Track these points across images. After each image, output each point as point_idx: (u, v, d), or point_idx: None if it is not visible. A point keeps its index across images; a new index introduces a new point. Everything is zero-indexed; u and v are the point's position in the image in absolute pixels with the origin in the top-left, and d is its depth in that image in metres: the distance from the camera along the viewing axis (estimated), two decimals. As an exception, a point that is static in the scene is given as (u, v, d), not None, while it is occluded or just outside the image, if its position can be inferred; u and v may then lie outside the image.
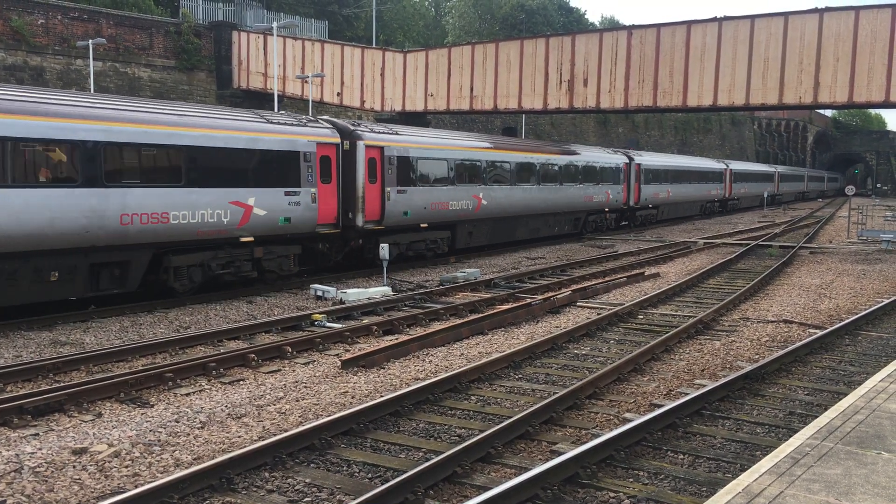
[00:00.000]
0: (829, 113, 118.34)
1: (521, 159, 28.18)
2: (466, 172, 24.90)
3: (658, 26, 29.65)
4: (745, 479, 5.24)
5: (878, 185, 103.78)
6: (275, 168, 17.85)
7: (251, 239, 17.40)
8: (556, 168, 30.26)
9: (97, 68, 35.41)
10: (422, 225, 23.09)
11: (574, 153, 32.50)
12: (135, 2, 41.98)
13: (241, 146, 17.10)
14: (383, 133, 21.82)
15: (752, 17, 27.98)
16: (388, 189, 21.35)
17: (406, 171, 22.11)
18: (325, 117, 22.21)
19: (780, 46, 27.15)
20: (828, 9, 26.60)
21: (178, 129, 15.79)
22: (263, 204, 17.48)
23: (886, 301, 16.67)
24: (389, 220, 21.58)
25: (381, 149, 21.24)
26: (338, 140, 19.87)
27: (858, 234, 33.60)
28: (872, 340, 13.37)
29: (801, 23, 26.90)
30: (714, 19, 28.56)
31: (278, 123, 18.49)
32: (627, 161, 37.02)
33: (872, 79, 25.80)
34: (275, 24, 30.01)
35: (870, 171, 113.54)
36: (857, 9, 26.14)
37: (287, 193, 18.13)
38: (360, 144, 20.46)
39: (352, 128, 20.88)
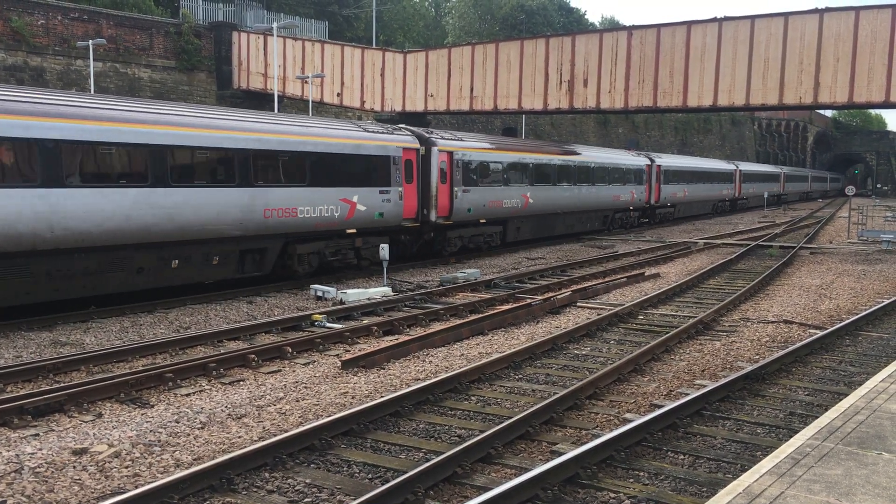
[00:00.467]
0: (829, 113, 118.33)
1: (561, 161, 30.98)
2: (517, 174, 27.75)
3: (658, 27, 29.64)
4: (746, 479, 5.23)
5: (879, 186, 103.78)
6: (373, 170, 21.17)
7: (354, 231, 20.52)
8: (589, 169, 33.02)
9: (97, 69, 35.41)
10: (481, 220, 26.02)
11: (604, 155, 35.41)
12: (135, 2, 41.96)
13: (350, 152, 20.38)
14: (451, 140, 24.75)
15: (752, 18, 27.98)
16: (456, 189, 24.36)
17: (469, 173, 25.07)
18: (403, 125, 25.20)
19: (780, 47, 27.14)
20: (828, 9, 26.60)
21: (304, 138, 19.03)
22: (364, 201, 20.71)
23: (887, 301, 16.67)
24: (457, 216, 24.55)
25: (451, 153, 24.22)
26: (418, 145, 22.94)
27: (859, 234, 33.60)
28: (873, 341, 13.36)
29: (802, 23, 26.90)
30: (714, 20, 28.55)
31: (374, 132, 21.73)
32: (649, 163, 39.55)
33: (873, 79, 25.79)
34: (275, 25, 30.01)
35: (870, 171, 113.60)
36: (857, 9, 26.13)
37: (381, 192, 21.37)
38: (434, 150, 23.46)
39: (427, 135, 23.80)
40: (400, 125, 24.94)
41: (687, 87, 29.04)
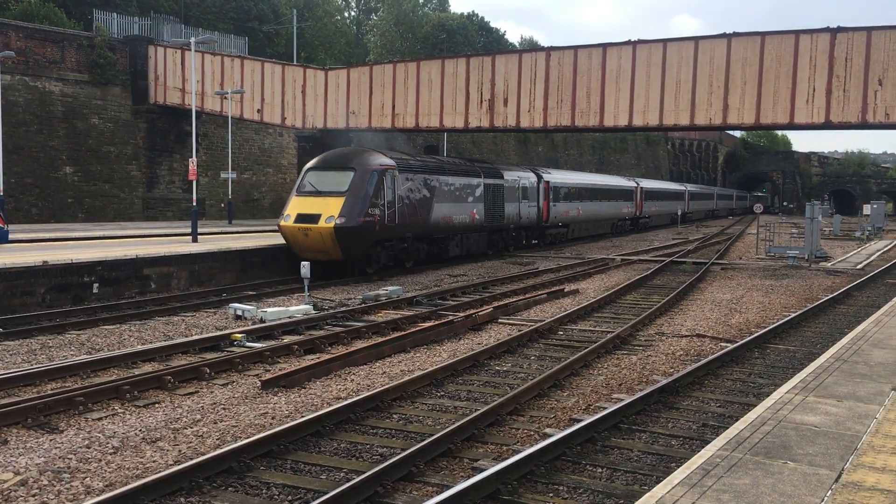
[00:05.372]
0: (738, 134, 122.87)
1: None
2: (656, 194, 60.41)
3: (575, 48, 30.33)
4: (659, 491, 5.37)
5: (785, 204, 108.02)
6: (626, 195, 52.98)
7: (626, 218, 53.38)
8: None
9: (5, 82, 34.10)
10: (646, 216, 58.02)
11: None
12: (45, 14, 40.66)
13: (622, 188, 52.06)
14: (641, 181, 58.11)
15: (665, 41, 28.91)
16: (644, 202, 57.14)
17: (647, 196, 57.68)
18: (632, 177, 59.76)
19: (691, 69, 28.10)
20: (735, 34, 27.68)
21: (615, 185, 51.47)
22: (628, 206, 53.26)
23: (793, 315, 17.37)
24: (644, 213, 57.38)
25: (642, 188, 56.95)
26: (636, 185, 55.49)
27: (766, 250, 34.86)
28: (780, 353, 13.90)
29: (711, 47, 27.93)
30: (628, 42, 29.38)
31: (627, 181, 54.37)
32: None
33: (778, 101, 26.92)
34: (192, 40, 29.44)
35: (777, 189, 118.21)
36: (762, 34, 27.27)
37: (627, 203, 53.16)
38: (638, 188, 54.87)
39: (636, 180, 57.98)
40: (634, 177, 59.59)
41: (603, 108, 29.76)
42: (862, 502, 5.24)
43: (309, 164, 25.39)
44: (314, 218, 23.04)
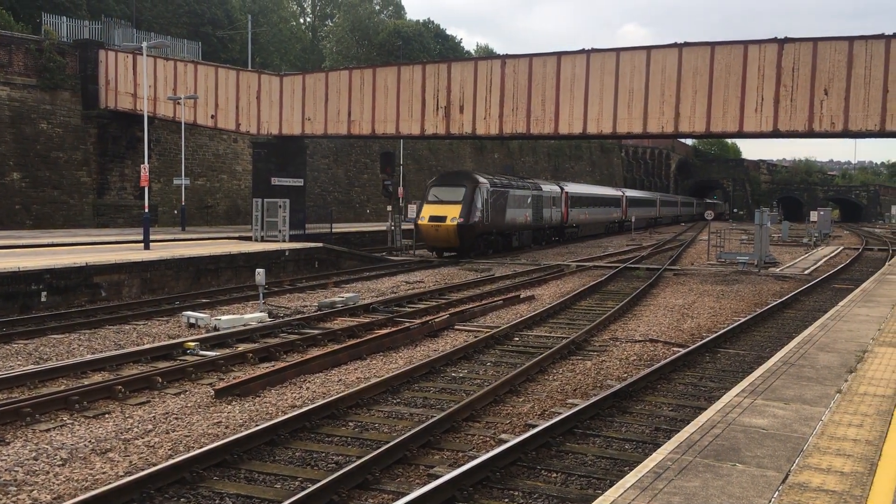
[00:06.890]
0: (689, 142, 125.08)
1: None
2: (640, 202, 72.16)
3: (530, 56, 30.59)
4: (611, 494, 5.44)
5: (735, 210, 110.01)
6: (615, 202, 62.45)
7: (613, 221, 62.86)
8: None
9: (-52, 85, 33.27)
10: (632, 218, 63.75)
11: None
12: (-9, 16, 39.72)
13: (612, 195, 62.56)
14: (627, 191, 69.91)
15: (618, 50, 29.30)
16: (628, 208, 66.85)
17: (631, 203, 67.19)
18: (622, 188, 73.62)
19: (643, 78, 28.51)
20: (686, 44, 28.18)
21: (613, 195, 64.23)
22: (615, 212, 63.11)
23: (743, 319, 17.71)
24: (628, 217, 65.86)
25: (628, 197, 66.50)
26: (622, 194, 68.25)
27: (717, 256, 35.45)
28: (730, 357, 14.16)
29: (662, 57, 28.38)
30: (582, 51, 29.73)
31: (616, 190, 65.93)
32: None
33: (727, 110, 27.46)
34: (144, 44, 29.03)
35: (727, 196, 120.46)
36: (712, 44, 27.81)
37: (615, 208, 63.02)
38: (624, 196, 65.96)
39: (622, 189, 70.95)
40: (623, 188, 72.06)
41: (558, 115, 30.04)
42: (808, 503, 5.37)
43: (431, 182, 36.25)
44: (442, 219, 33.15)
